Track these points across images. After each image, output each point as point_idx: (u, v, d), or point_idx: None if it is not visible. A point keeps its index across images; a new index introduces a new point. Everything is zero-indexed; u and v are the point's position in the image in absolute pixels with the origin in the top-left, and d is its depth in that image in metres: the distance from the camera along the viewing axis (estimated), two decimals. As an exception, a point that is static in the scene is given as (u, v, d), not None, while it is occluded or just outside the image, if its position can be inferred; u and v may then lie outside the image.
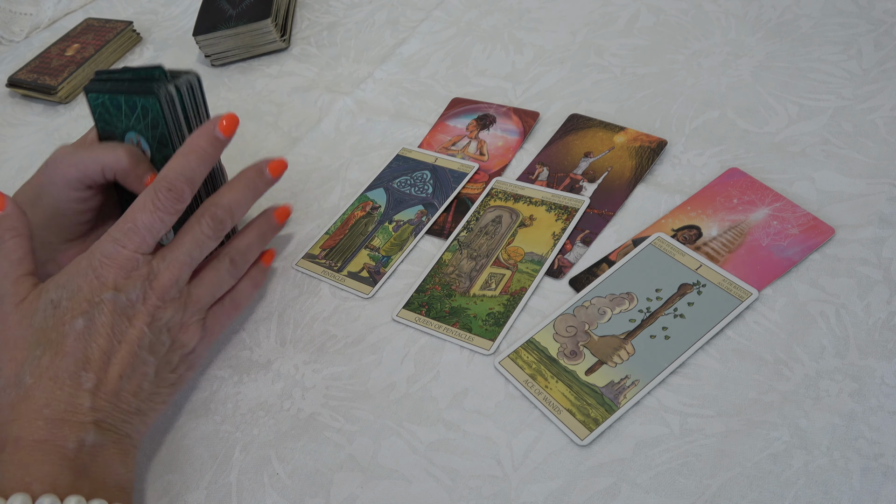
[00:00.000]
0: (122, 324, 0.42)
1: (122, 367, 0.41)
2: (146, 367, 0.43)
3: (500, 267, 0.51)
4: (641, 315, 0.45)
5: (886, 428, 0.38)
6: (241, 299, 0.50)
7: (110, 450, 0.40)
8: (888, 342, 0.41)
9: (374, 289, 0.52)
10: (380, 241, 0.55)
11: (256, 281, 0.52)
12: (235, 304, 0.50)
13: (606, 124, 0.58)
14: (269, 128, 0.70)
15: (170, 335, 0.44)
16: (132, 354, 0.42)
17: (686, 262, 0.47)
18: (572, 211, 0.52)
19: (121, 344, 0.42)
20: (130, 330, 0.42)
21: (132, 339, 0.42)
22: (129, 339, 0.42)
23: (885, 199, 0.47)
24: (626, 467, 0.40)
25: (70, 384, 0.40)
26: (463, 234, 0.54)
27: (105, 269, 0.42)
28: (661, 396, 0.42)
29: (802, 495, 0.36)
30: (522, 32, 0.71)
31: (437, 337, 0.48)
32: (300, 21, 0.83)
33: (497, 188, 0.56)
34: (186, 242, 0.45)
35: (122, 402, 0.42)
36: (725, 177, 0.51)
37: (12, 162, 0.77)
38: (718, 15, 0.65)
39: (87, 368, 0.40)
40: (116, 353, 0.41)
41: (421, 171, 0.60)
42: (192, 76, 0.49)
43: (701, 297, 0.45)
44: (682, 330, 0.44)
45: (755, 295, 0.44)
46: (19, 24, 0.99)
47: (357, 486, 0.42)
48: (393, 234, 0.56)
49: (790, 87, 0.56)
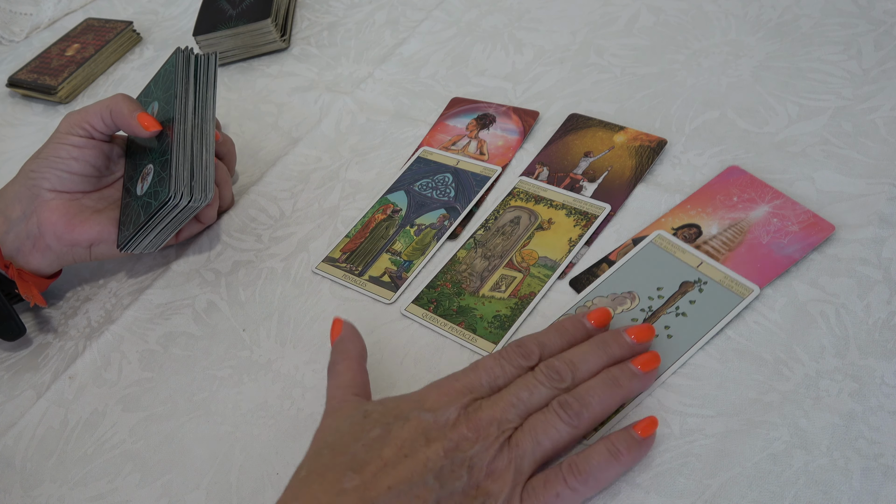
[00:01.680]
0: (419, 441, 0.37)
1: (397, 480, 0.36)
2: (426, 493, 0.36)
3: (512, 269, 0.50)
4: (644, 314, 0.45)
5: (886, 428, 0.37)
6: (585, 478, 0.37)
7: None
8: (888, 342, 0.41)
9: (396, 294, 0.52)
10: (401, 245, 0.55)
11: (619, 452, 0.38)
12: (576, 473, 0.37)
13: (606, 124, 0.58)
14: (269, 128, 0.70)
15: (469, 473, 0.37)
16: (413, 472, 0.36)
17: (687, 260, 0.47)
18: (592, 217, 0.51)
19: (406, 458, 0.37)
20: (424, 449, 0.37)
21: (421, 457, 0.37)
22: (418, 456, 0.37)
23: (885, 199, 0.47)
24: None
25: (332, 480, 0.36)
26: (480, 233, 0.53)
27: (428, 393, 0.40)
28: (661, 396, 0.42)
29: (802, 495, 0.36)
30: (522, 32, 0.71)
31: (440, 335, 0.48)
32: (300, 21, 0.83)
33: (520, 188, 0.55)
34: (516, 384, 0.40)
35: None
36: (725, 175, 0.51)
37: (12, 162, 0.77)
38: (718, 15, 0.65)
39: (357, 470, 0.36)
40: (397, 466, 0.36)
41: (443, 173, 0.59)
42: (211, 55, 0.56)
43: (702, 295, 0.45)
44: (684, 328, 0.44)
45: (756, 291, 0.44)
46: (19, 24, 0.99)
47: (357, 486, 0.42)
48: (415, 239, 0.55)
49: (790, 87, 0.56)
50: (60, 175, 0.55)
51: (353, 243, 0.56)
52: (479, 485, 0.37)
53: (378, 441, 0.37)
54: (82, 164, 0.56)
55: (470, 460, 0.37)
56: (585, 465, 0.37)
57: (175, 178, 0.52)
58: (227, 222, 0.62)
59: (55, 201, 0.55)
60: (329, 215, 0.59)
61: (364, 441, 0.38)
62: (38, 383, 0.55)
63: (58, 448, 0.50)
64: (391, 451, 0.37)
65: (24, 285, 0.55)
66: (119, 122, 0.54)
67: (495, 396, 0.39)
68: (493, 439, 0.37)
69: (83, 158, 0.56)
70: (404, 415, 0.38)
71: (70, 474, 0.48)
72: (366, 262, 0.55)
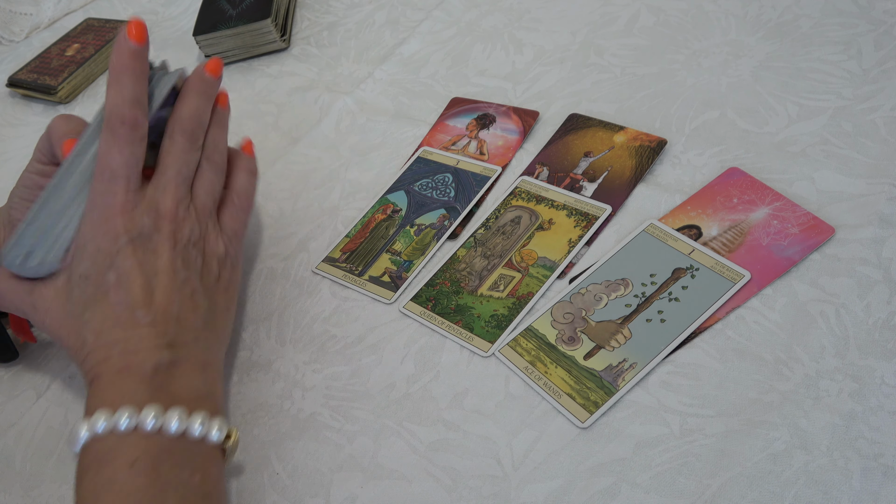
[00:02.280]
0: (150, 258, 0.43)
1: (168, 293, 0.43)
2: (191, 283, 0.44)
3: (511, 269, 0.50)
4: (637, 300, 0.46)
5: (886, 428, 0.37)
6: (243, 191, 0.51)
7: (187, 366, 0.42)
8: (888, 342, 0.41)
9: (396, 294, 0.52)
10: (401, 245, 0.55)
11: (251, 168, 0.52)
12: (241, 197, 0.50)
13: (606, 124, 0.58)
14: (269, 128, 0.70)
15: (197, 249, 0.46)
16: (171, 279, 0.43)
17: (679, 247, 0.47)
18: (592, 218, 0.51)
19: (157, 275, 0.43)
20: (159, 260, 0.43)
21: (165, 266, 0.43)
22: (162, 267, 0.43)
23: (885, 199, 0.47)
24: (625, 467, 0.40)
25: (128, 325, 0.41)
26: (480, 232, 0.53)
27: (109, 221, 0.43)
28: (661, 396, 0.42)
29: (802, 495, 0.36)
30: (522, 32, 0.71)
31: (438, 333, 0.48)
32: (300, 21, 0.83)
33: (521, 187, 0.55)
34: (170, 163, 0.46)
35: (185, 321, 0.43)
36: (725, 176, 0.51)
37: (12, 162, 0.77)
38: (718, 15, 0.65)
39: (136, 307, 0.42)
40: (157, 284, 0.43)
41: (443, 173, 0.59)
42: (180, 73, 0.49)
43: (695, 281, 0.45)
44: (677, 313, 0.44)
45: (747, 276, 0.45)
46: (19, 24, 0.99)
47: (357, 486, 0.42)
48: (415, 238, 0.55)
49: (790, 87, 0.56)
50: (29, 205, 0.50)
51: (353, 243, 0.56)
52: (205, 250, 0.46)
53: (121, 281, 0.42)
54: None
55: (190, 241, 0.45)
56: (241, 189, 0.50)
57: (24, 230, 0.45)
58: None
59: None
60: (329, 215, 0.59)
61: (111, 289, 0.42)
62: (38, 383, 0.55)
63: (58, 448, 0.50)
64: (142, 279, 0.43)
65: (15, 321, 0.54)
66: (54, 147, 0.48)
67: (161, 181, 0.45)
68: (187, 217, 0.46)
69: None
70: (114, 250, 0.43)
71: (70, 474, 0.48)
72: (366, 262, 0.55)
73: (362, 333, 0.50)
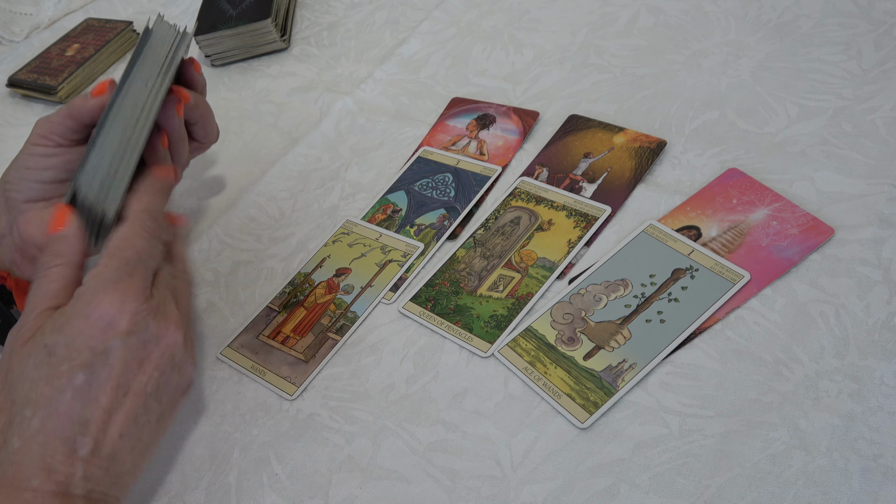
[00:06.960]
0: (131, 372, 0.37)
1: (125, 425, 0.36)
2: (150, 416, 0.37)
3: (510, 269, 0.50)
4: (636, 300, 0.46)
5: (886, 428, 0.37)
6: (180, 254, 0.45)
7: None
8: (888, 342, 0.41)
9: (395, 295, 0.52)
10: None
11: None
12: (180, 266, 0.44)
13: (606, 125, 0.58)
14: (269, 128, 0.70)
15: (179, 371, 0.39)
16: (137, 406, 0.37)
17: (678, 248, 0.47)
18: (592, 219, 0.51)
19: (126, 397, 0.36)
20: (139, 377, 0.37)
21: (139, 388, 0.37)
22: (136, 388, 0.37)
23: (885, 199, 0.47)
24: (625, 467, 0.40)
25: (63, 451, 0.35)
26: (480, 232, 0.53)
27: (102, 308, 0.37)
28: (660, 397, 0.42)
29: (802, 496, 0.36)
30: (522, 32, 0.71)
31: (437, 334, 0.48)
32: (300, 21, 0.83)
33: (521, 188, 0.55)
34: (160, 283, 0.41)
35: (118, 463, 0.37)
36: (725, 177, 0.51)
37: (12, 162, 0.77)
38: (718, 15, 0.64)
39: (84, 433, 0.35)
40: (120, 410, 0.36)
41: (443, 173, 0.59)
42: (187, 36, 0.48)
43: (694, 282, 0.46)
44: (676, 313, 0.44)
45: (747, 277, 0.45)
46: (19, 24, 0.99)
47: (356, 487, 0.42)
48: (415, 239, 0.55)
49: (790, 87, 0.56)
50: (33, 185, 0.51)
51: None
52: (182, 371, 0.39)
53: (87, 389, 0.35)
54: (55, 171, 0.51)
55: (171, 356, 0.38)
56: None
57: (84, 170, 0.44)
58: (227, 222, 0.61)
59: (31, 212, 0.52)
60: (329, 215, 0.59)
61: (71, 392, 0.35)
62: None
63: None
64: (108, 399, 0.36)
65: (21, 297, 0.55)
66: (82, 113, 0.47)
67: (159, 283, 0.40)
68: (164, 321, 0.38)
69: (55, 166, 0.51)
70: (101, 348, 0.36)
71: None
72: (365, 263, 0.55)
73: (362, 334, 0.50)
